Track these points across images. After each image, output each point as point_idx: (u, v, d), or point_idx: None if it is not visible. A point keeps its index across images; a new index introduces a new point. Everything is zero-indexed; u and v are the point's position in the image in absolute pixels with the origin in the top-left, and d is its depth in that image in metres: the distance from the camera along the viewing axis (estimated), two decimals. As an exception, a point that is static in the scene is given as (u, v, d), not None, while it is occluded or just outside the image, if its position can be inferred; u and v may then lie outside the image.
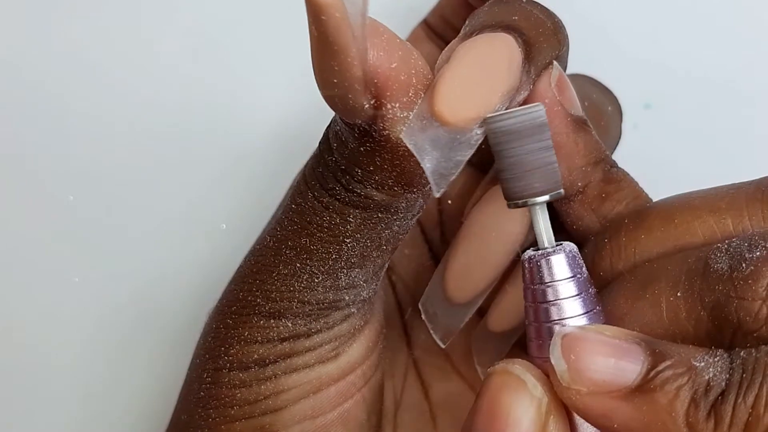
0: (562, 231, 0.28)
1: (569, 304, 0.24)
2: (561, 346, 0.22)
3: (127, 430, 0.39)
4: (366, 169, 0.24)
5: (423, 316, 0.29)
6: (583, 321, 0.24)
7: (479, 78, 0.23)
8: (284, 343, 0.26)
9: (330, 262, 0.25)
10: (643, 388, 0.22)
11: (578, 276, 0.24)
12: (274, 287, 0.26)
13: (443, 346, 0.29)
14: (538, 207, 0.24)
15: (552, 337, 0.23)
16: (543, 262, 0.24)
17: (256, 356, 0.27)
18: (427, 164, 0.23)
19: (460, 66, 0.23)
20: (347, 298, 0.26)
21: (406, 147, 0.23)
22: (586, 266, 0.24)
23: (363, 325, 0.28)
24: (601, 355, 0.22)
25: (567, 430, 0.23)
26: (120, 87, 0.39)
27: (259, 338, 0.26)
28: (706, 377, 0.22)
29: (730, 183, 0.26)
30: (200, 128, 0.39)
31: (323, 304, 0.26)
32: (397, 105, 0.22)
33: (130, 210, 0.39)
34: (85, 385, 0.39)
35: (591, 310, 0.24)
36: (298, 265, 0.26)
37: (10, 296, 0.39)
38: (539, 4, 0.26)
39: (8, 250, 0.39)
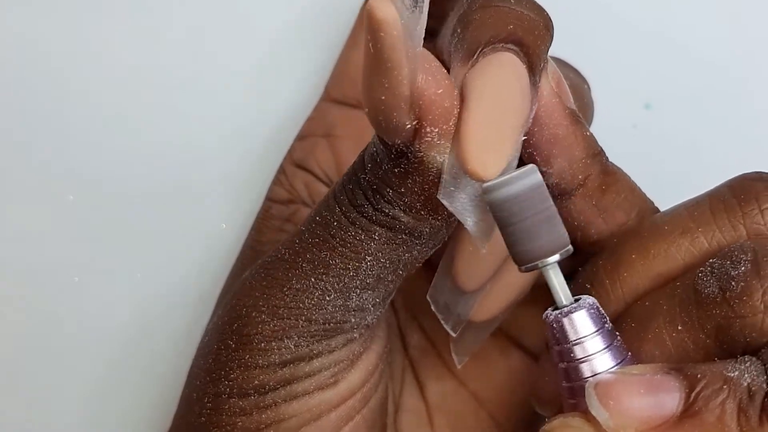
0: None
1: (600, 359, 0.24)
2: (596, 396, 0.22)
3: (127, 429, 0.39)
4: (397, 190, 0.24)
5: (433, 308, 0.29)
6: None
7: (499, 121, 0.23)
8: (284, 369, 0.26)
9: (346, 280, 0.26)
10: (689, 412, 0.22)
11: (604, 327, 0.24)
12: (282, 302, 0.26)
13: (454, 335, 0.29)
14: (549, 267, 0.24)
15: None
16: (566, 321, 0.24)
17: (256, 382, 0.26)
18: (471, 226, 0.24)
19: (478, 116, 0.23)
20: (353, 320, 0.26)
21: (436, 174, 0.23)
22: None
23: (362, 351, 0.28)
24: (638, 393, 0.22)
25: None
26: (120, 87, 0.39)
27: (260, 362, 0.26)
28: (745, 384, 0.22)
29: (685, 200, 0.26)
30: (200, 128, 0.39)
31: (330, 324, 0.26)
32: (436, 130, 0.23)
33: (130, 210, 0.39)
34: (85, 385, 0.39)
35: (622, 360, 0.24)
36: (312, 279, 0.26)
37: (10, 296, 0.39)
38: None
39: (8, 250, 0.39)
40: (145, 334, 0.38)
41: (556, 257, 0.24)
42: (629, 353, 0.24)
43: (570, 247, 0.24)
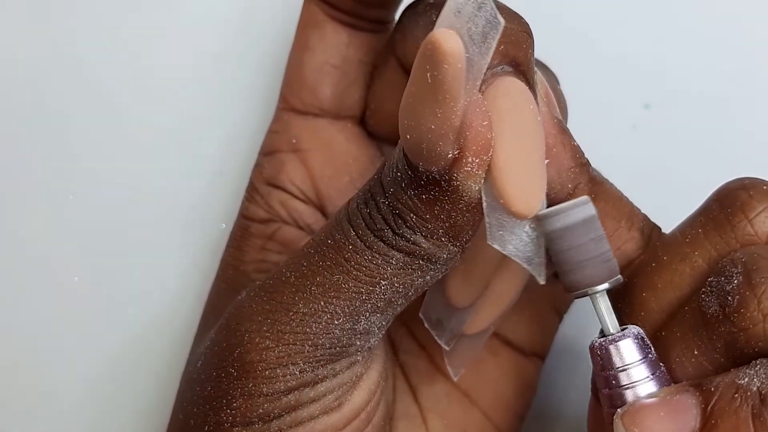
0: None
1: (643, 386, 0.24)
2: (623, 425, 0.23)
3: (127, 429, 0.39)
4: (422, 216, 0.24)
5: (426, 325, 0.29)
6: None
7: (527, 156, 0.24)
8: (289, 395, 0.26)
9: (357, 304, 0.25)
10: (707, 426, 0.23)
11: (648, 357, 0.25)
12: (288, 327, 0.25)
13: (448, 349, 0.29)
14: (598, 295, 0.25)
15: None
16: (612, 348, 0.25)
17: (260, 410, 0.26)
18: (528, 265, 0.25)
19: (508, 157, 0.24)
20: (358, 343, 0.26)
21: (467, 202, 0.24)
22: None
23: (363, 372, 0.27)
24: (659, 416, 0.23)
25: None
26: (120, 87, 0.39)
27: (264, 390, 0.26)
28: (755, 388, 0.22)
29: (678, 223, 0.27)
30: (200, 128, 0.39)
31: (336, 348, 0.26)
32: (477, 161, 0.23)
33: (130, 210, 0.39)
34: (85, 385, 0.39)
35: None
36: (322, 303, 0.25)
37: (10, 296, 0.39)
38: (504, 7, 0.26)
39: (8, 250, 0.39)
40: (144, 334, 0.38)
41: (605, 286, 0.25)
42: (672, 384, 0.25)
43: (620, 276, 0.25)
